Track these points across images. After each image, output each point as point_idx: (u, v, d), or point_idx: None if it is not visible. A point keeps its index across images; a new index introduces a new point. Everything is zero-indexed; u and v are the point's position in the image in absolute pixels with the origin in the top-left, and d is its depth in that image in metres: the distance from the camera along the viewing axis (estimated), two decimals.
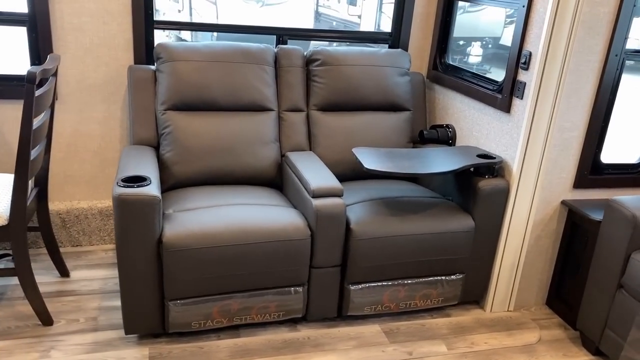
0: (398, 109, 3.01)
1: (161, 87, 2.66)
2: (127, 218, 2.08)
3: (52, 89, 2.36)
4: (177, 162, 2.62)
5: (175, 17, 12.67)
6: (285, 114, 2.86)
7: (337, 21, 10.46)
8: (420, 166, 2.47)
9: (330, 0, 10.74)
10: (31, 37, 2.71)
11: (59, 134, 2.88)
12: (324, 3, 11.33)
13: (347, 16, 9.51)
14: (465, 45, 3.99)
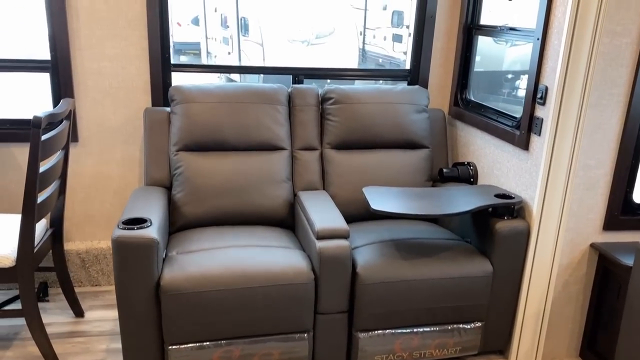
0: (415, 146, 2.92)
1: (174, 128, 2.69)
2: (125, 260, 2.07)
3: (64, 132, 2.42)
4: (187, 202, 2.62)
5: (226, 59, 13.06)
6: (299, 152, 2.83)
7: (383, 58, 10.47)
8: (431, 207, 2.36)
9: (376, 37, 10.82)
10: (53, 82, 2.81)
11: (80, 175, 2.95)
12: (370, 41, 11.41)
13: (393, 53, 9.51)
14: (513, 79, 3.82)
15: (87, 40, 2.76)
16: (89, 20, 2.74)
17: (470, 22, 2.97)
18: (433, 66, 3.14)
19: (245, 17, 11.73)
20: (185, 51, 16.71)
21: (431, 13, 3.03)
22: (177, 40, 16.30)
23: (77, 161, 2.93)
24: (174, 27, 16.22)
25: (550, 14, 2.26)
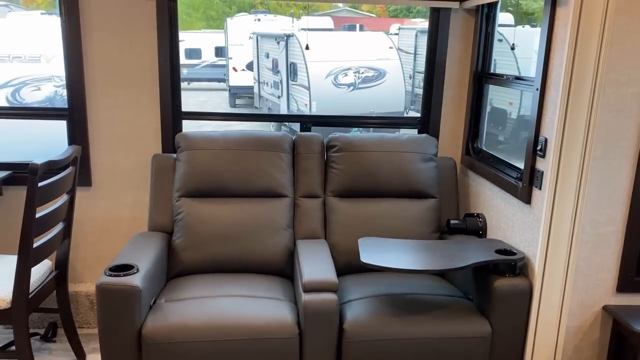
0: (422, 196, 2.84)
1: (177, 174, 2.74)
2: (108, 307, 2.09)
3: (69, 178, 2.51)
4: (186, 248, 2.64)
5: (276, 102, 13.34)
6: (301, 200, 2.81)
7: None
8: (426, 261, 2.27)
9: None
10: (70, 129, 2.95)
11: (92, 219, 3.04)
12: (420, 83, 11.39)
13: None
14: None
15: (102, 88, 2.89)
16: (104, 70, 2.87)
17: (480, 70, 2.90)
18: (445, 114, 3.08)
19: (295, 62, 12.03)
20: (240, 95, 17.30)
21: (441, 61, 2.99)
22: (232, 84, 16.95)
23: (90, 205, 3.03)
24: (230, 72, 16.90)
25: (548, 62, 2.18)
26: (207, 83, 19.73)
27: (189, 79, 20.17)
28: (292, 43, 12.01)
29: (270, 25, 16.05)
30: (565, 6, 2.06)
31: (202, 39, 20.18)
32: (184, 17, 30.07)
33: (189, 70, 19.96)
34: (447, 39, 2.96)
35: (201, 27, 25.98)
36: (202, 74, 19.80)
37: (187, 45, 19.75)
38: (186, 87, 20.29)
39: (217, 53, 19.13)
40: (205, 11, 28.65)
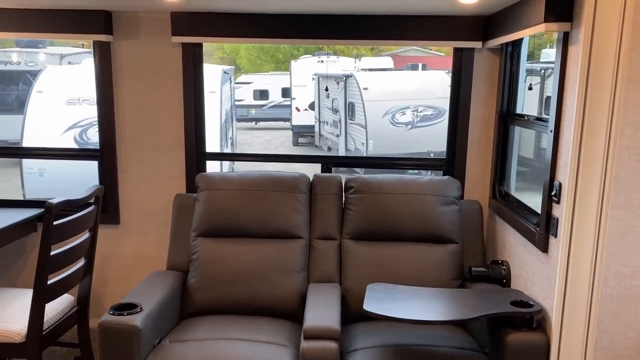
0: (442, 241, 2.72)
1: (195, 214, 2.78)
2: (108, 345, 2.13)
3: (90, 216, 2.60)
4: (198, 288, 2.65)
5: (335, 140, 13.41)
6: (316, 241, 2.77)
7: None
8: (434, 311, 2.16)
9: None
10: (101, 169, 3.08)
11: (119, 256, 3.14)
12: None
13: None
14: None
15: (131, 130, 3.02)
16: (133, 113, 3.00)
17: (506, 110, 2.79)
18: (471, 156, 2.97)
19: (353, 102, 12.13)
20: (302, 133, 17.61)
21: (465, 101, 2.90)
22: (295, 123, 17.31)
23: (117, 242, 3.13)
24: (293, 112, 17.28)
25: (562, 103, 2.06)
26: (273, 122, 20.26)
27: (256, 118, 20.80)
28: (350, 83, 12.15)
29: (332, 66, 16.35)
30: (576, 44, 1.96)
31: (270, 80, 20.85)
32: (254, 60, 31.27)
33: (256, 110, 20.59)
34: (470, 79, 2.88)
35: (270, 70, 26.89)
36: (268, 114, 20.38)
37: (256, 87, 20.45)
38: (253, 126, 20.94)
39: (284, 94, 19.65)
40: (274, 54, 29.66)
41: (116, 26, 2.90)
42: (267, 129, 20.65)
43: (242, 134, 19.29)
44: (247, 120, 20.61)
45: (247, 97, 20.24)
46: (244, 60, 31.31)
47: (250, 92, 20.31)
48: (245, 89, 20.41)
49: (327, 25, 2.83)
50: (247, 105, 20.25)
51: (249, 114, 20.57)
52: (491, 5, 2.50)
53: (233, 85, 12.78)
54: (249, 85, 20.67)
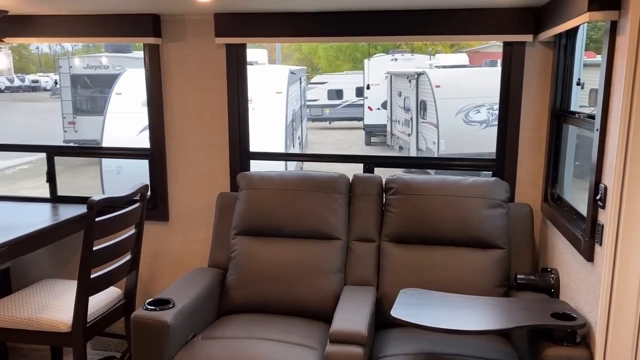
0: (486, 246, 2.58)
1: (236, 213, 2.81)
2: (140, 339, 2.19)
3: (135, 213, 2.69)
4: (236, 286, 2.68)
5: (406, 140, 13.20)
6: (354, 243, 2.72)
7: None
8: (466, 320, 2.05)
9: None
10: (151, 167, 3.19)
11: (168, 252, 3.24)
12: None
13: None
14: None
15: (179, 131, 3.10)
16: (180, 114, 3.08)
17: (559, 108, 2.61)
18: (523, 156, 2.80)
19: (425, 100, 11.88)
20: (375, 133, 17.49)
21: (516, 98, 2.74)
22: (367, 122, 17.22)
23: (167, 239, 3.23)
24: (366, 111, 17.20)
25: (609, 99, 1.88)
26: (347, 122, 20.28)
27: (330, 118, 20.93)
28: (422, 81, 11.90)
29: (406, 64, 16.10)
30: (624, 34, 1.78)
31: (344, 80, 20.89)
32: (331, 60, 31.40)
33: (330, 110, 20.71)
34: (521, 74, 2.71)
35: (347, 69, 26.93)
36: (342, 114, 20.43)
37: (330, 87, 20.56)
38: (327, 126, 21.07)
39: (358, 93, 19.62)
40: (352, 54, 29.65)
41: (164, 29, 2.99)
42: (340, 128, 20.70)
43: (315, 133, 19.46)
44: (321, 120, 20.77)
45: (322, 97, 20.39)
46: (321, 60, 31.55)
47: (324, 92, 20.45)
48: (319, 89, 20.58)
49: (370, 22, 2.76)
50: (321, 105, 20.41)
51: (323, 113, 20.71)
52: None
53: (304, 85, 12.91)
54: (324, 85, 20.82)
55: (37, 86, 34.00)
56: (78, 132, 13.33)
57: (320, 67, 30.94)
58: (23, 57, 39.46)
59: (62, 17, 2.93)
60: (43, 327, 2.48)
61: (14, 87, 33.97)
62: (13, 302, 2.61)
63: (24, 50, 37.32)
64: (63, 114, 13.63)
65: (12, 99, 30.38)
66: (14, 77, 34.87)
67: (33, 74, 36.51)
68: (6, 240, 2.53)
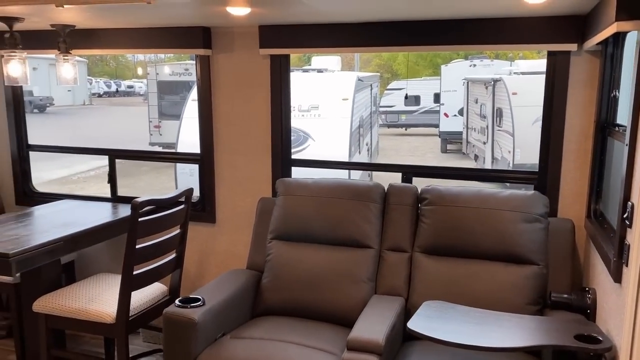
0: (520, 261, 2.50)
1: (273, 217, 2.90)
2: (169, 335, 2.33)
3: (179, 214, 2.85)
4: (269, 289, 2.76)
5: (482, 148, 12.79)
6: (386, 252, 2.72)
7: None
8: (485, 336, 2.00)
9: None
10: (201, 172, 3.35)
11: (215, 252, 3.39)
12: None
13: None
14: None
15: (226, 138, 3.24)
16: (228, 122, 3.22)
17: (604, 120, 2.48)
18: (567, 170, 2.68)
19: (501, 107, 11.52)
20: (451, 140, 17.14)
21: (560, 109, 2.63)
22: (443, 129, 16.92)
23: (213, 240, 3.38)
24: (442, 118, 16.90)
25: (639, 112, 1.79)
26: (424, 129, 20.04)
27: (406, 124, 20.77)
28: (499, 88, 11.54)
29: (485, 70, 15.66)
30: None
31: (421, 86, 20.67)
32: (411, 65, 31.15)
33: (407, 116, 20.55)
34: (566, 85, 2.61)
35: (427, 75, 26.61)
36: (419, 120, 20.22)
37: (407, 93, 20.43)
38: (403, 132, 20.92)
39: (436, 99, 19.35)
40: (432, 59, 29.25)
41: (214, 41, 3.14)
42: (417, 135, 20.47)
43: (390, 139, 19.36)
44: (396, 126, 20.65)
45: (398, 103, 20.27)
46: (401, 66, 31.36)
47: (401, 98, 20.32)
48: (396, 95, 20.47)
49: (410, 32, 2.76)
50: (397, 111, 20.30)
51: (399, 120, 20.58)
52: (584, 3, 2.25)
53: (376, 91, 12.90)
54: (401, 91, 20.68)
55: (131, 91, 36.19)
56: (163, 135, 14.11)
57: (399, 72, 30.75)
58: (120, 64, 42.25)
59: (121, 30, 3.16)
60: (91, 317, 2.68)
61: (111, 92, 36.43)
62: (69, 293, 2.84)
63: (122, 57, 39.92)
64: (149, 118, 14.47)
65: (109, 103, 32.59)
66: (112, 83, 37.43)
67: (129, 79, 38.94)
68: (62, 236, 2.77)
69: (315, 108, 7.68)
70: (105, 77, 39.13)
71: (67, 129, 18.20)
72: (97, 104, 32.38)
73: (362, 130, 9.37)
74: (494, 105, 11.90)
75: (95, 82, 36.38)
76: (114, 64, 42.21)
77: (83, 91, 32.59)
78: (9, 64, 2.82)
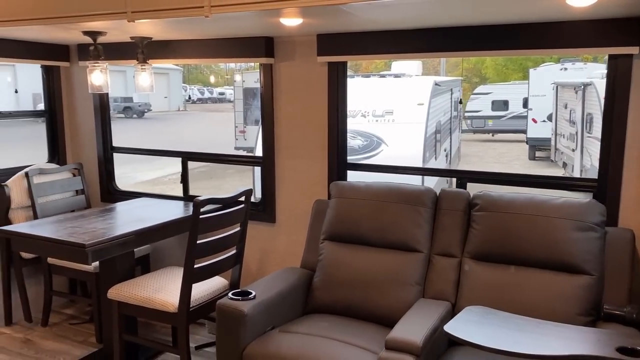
0: (573, 270, 2.43)
1: (325, 219, 3.01)
2: (221, 325, 2.49)
3: (238, 213, 3.02)
4: (320, 288, 2.86)
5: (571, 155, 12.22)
6: (435, 257, 2.74)
7: None
8: (523, 343, 1.99)
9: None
10: (263, 174, 3.53)
11: (274, 251, 3.54)
12: None
13: None
14: None
15: (286, 141, 3.39)
16: (288, 126, 3.37)
17: None
18: (629, 178, 2.57)
19: (591, 113, 10.93)
20: (539, 147, 16.44)
21: (621, 115, 2.53)
22: (530, 136, 16.27)
23: (274, 239, 3.54)
24: (529, 123, 16.25)
25: None
26: (512, 135, 19.38)
27: (492, 130, 20.18)
28: (589, 92, 10.96)
29: (577, 74, 14.88)
30: None
31: (510, 90, 20.01)
32: (500, 69, 30.17)
33: (494, 121, 19.96)
34: (628, 89, 2.51)
35: (516, 79, 25.70)
36: (506, 126, 19.57)
37: (494, 97, 19.85)
38: (489, 138, 20.32)
39: (525, 104, 18.66)
40: (522, 63, 28.17)
41: (276, 49, 3.30)
42: (504, 141, 19.83)
43: (476, 145, 18.89)
44: (483, 132, 20.10)
45: (485, 107, 19.75)
46: (489, 70, 30.47)
47: (488, 103, 19.77)
48: (483, 100, 19.95)
49: (464, 37, 2.77)
50: (483, 116, 19.77)
51: (485, 125, 20.03)
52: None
53: (457, 96, 12.65)
54: (487, 95, 20.12)
55: (223, 98, 37.82)
56: (247, 139, 14.68)
57: (488, 76, 29.89)
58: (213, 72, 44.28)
59: (192, 41, 3.41)
60: (156, 306, 2.90)
61: (204, 98, 38.31)
62: (139, 283, 3.10)
63: (215, 66, 41.84)
64: (235, 124, 15.11)
65: (201, 109, 34.27)
66: (205, 90, 39.34)
67: (220, 87, 40.71)
68: (134, 230, 3.03)
69: (389, 113, 7.70)
70: (199, 85, 41.18)
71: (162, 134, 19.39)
72: (190, 110, 34.15)
73: (440, 136, 9.26)
74: (583, 110, 11.30)
75: (189, 90, 38.41)
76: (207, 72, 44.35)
77: (178, 98, 34.50)
78: (92, 74, 3.13)
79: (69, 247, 2.79)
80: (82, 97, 4.02)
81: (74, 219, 3.25)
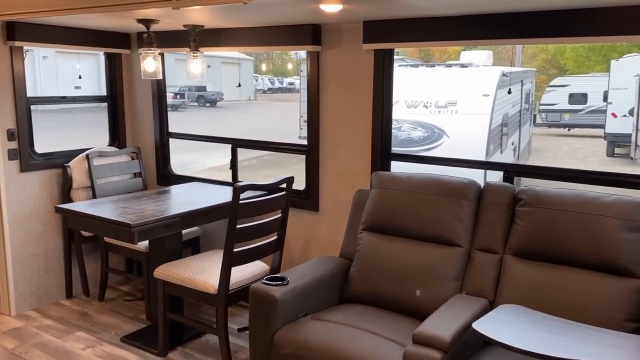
0: (621, 273, 2.28)
1: (365, 209, 2.97)
2: (254, 309, 2.53)
3: (278, 200, 3.04)
4: (356, 277, 2.84)
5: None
6: (475, 252, 2.65)
7: None
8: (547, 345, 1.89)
9: None
10: (307, 162, 3.53)
11: (317, 239, 3.55)
12: None
13: None
14: None
15: (331, 130, 3.38)
16: (333, 115, 3.35)
17: None
18: None
19: None
20: (618, 143, 15.54)
21: None
22: (609, 131, 15.39)
23: (316, 227, 3.54)
24: (609, 118, 15.36)
25: None
26: (591, 130, 18.41)
27: (569, 124, 19.27)
28: None
29: None
30: None
31: (589, 83, 19.00)
32: (581, 60, 28.66)
33: (570, 115, 19.05)
34: None
35: (599, 71, 24.36)
36: (584, 120, 18.61)
37: (572, 90, 18.94)
38: (565, 133, 19.40)
39: (606, 98, 17.66)
40: (606, 53, 26.62)
41: (324, 37, 3.28)
42: (581, 136, 18.86)
43: (549, 140, 18.10)
44: (558, 126, 19.20)
45: (562, 101, 18.84)
46: (569, 61, 28.99)
47: (565, 96, 18.84)
48: (559, 92, 19.04)
49: (513, 23, 2.64)
50: (560, 109, 18.87)
51: (561, 119, 19.12)
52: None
53: (529, 87, 12.11)
54: (565, 88, 19.17)
55: (292, 88, 38.23)
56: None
57: (567, 68, 28.44)
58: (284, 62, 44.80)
59: (241, 29, 3.45)
60: (197, 287, 2.99)
61: (274, 88, 38.88)
62: (184, 264, 3.20)
63: (285, 55, 42.31)
64: (300, 113, 15.24)
65: (270, 98, 34.81)
66: (275, 80, 39.91)
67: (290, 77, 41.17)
68: (179, 212, 3.12)
69: (452, 104, 7.50)
70: (270, 75, 41.79)
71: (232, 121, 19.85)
72: (260, 99, 34.77)
73: (507, 129, 8.91)
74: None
75: (260, 79, 39.08)
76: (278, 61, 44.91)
77: (249, 87, 35.18)
78: (145, 60, 3.24)
79: (117, 226, 2.92)
80: (141, 83, 4.18)
81: (126, 200, 3.40)
